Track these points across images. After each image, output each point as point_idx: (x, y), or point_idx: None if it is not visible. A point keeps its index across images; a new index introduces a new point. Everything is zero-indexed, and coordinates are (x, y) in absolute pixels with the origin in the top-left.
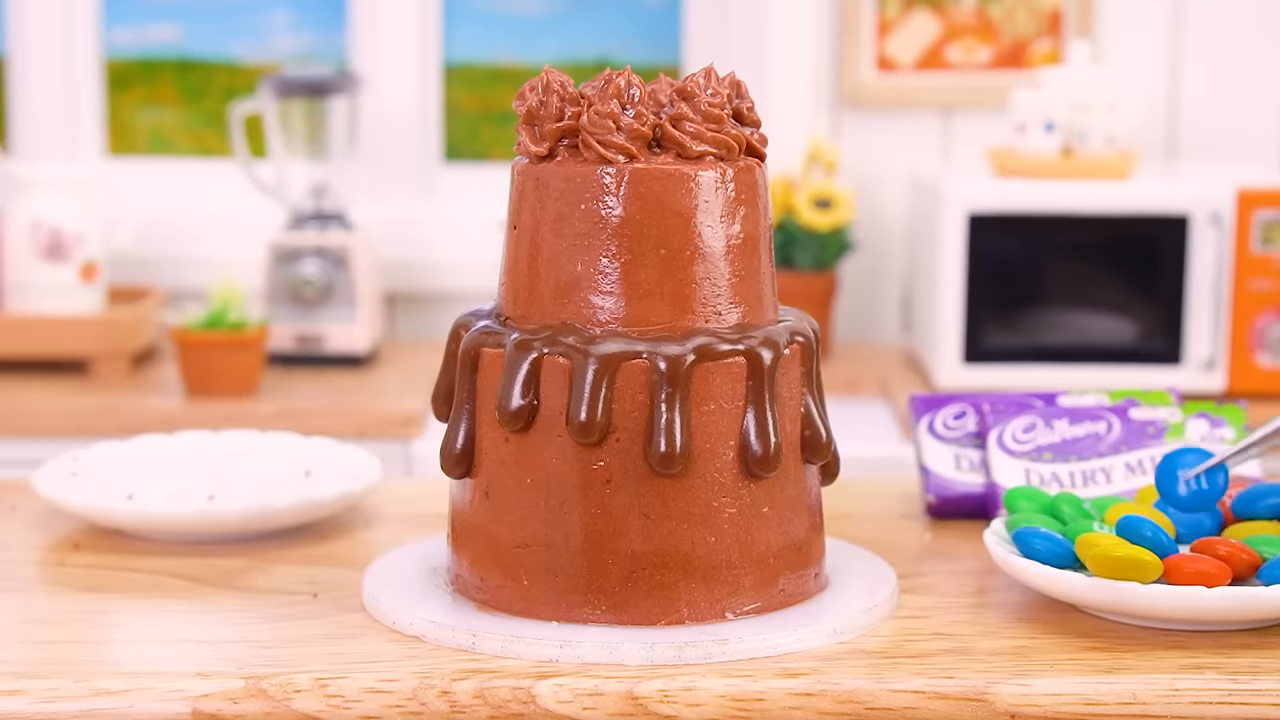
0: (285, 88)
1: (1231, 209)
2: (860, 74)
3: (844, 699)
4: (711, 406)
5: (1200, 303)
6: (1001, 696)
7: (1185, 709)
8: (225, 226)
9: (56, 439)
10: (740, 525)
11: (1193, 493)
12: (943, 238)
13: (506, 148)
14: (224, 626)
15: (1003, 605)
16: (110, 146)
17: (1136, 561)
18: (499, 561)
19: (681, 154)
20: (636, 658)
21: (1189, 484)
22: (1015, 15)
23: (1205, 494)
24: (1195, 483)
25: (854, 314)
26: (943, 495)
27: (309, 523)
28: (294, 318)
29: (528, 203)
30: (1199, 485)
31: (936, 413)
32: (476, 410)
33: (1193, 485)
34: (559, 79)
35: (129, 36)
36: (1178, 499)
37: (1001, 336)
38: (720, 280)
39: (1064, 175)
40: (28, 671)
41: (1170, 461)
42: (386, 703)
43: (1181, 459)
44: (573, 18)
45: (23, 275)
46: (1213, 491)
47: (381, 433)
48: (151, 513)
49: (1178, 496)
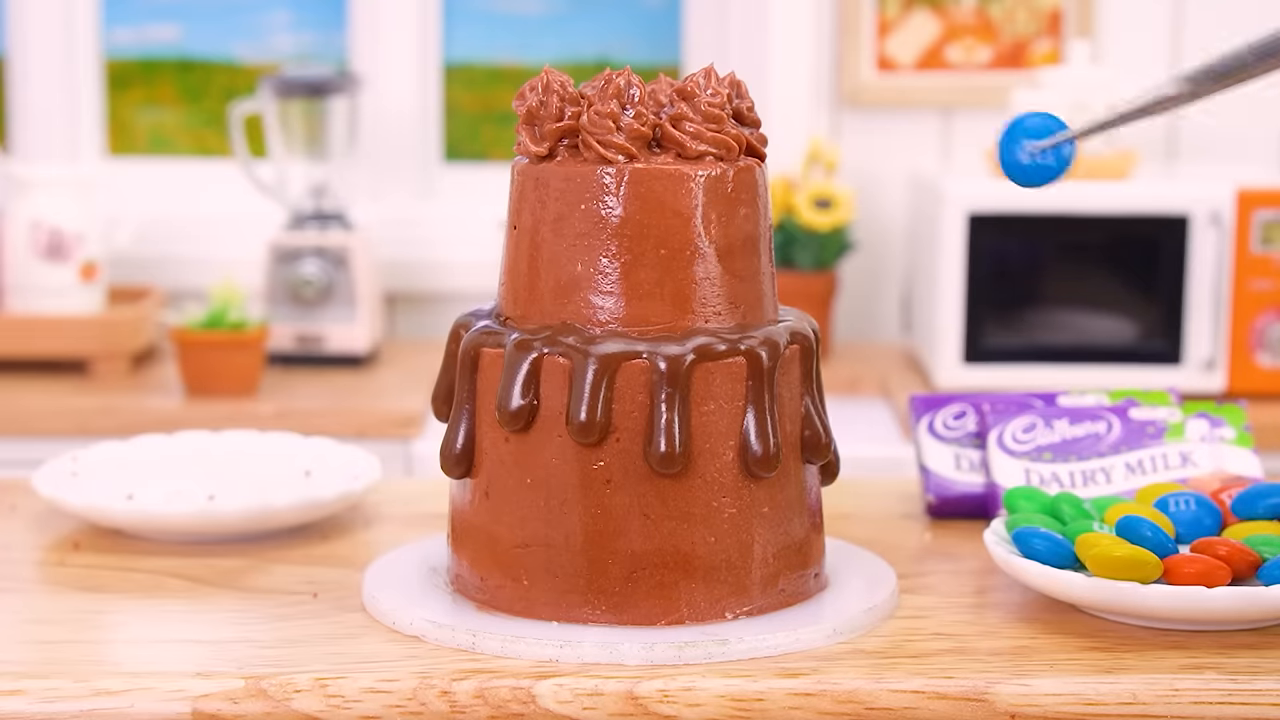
0: (285, 88)
1: (1231, 209)
2: (860, 74)
3: (844, 699)
4: (711, 406)
5: (1200, 303)
6: (1001, 696)
7: (1185, 709)
8: (225, 226)
9: (56, 439)
10: (740, 525)
11: (1036, 165)
12: (943, 238)
13: (506, 148)
14: (224, 626)
15: (1003, 605)
16: (110, 146)
17: (1136, 561)
18: (499, 561)
19: (681, 154)
20: (636, 658)
21: (1034, 155)
22: (1015, 15)
23: (1049, 169)
24: (1042, 155)
25: (854, 314)
26: (943, 495)
27: (309, 523)
28: (294, 318)
29: (528, 203)
30: (1044, 158)
31: (936, 413)
32: (476, 410)
33: (1038, 157)
34: (559, 79)
35: (129, 36)
36: (1019, 169)
37: (1001, 336)
38: (720, 280)
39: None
40: (28, 671)
41: (1016, 129)
42: (386, 703)
43: (1027, 126)
44: (573, 18)
45: (23, 275)
46: (1059, 166)
47: (381, 433)
48: (151, 513)
49: (1020, 166)
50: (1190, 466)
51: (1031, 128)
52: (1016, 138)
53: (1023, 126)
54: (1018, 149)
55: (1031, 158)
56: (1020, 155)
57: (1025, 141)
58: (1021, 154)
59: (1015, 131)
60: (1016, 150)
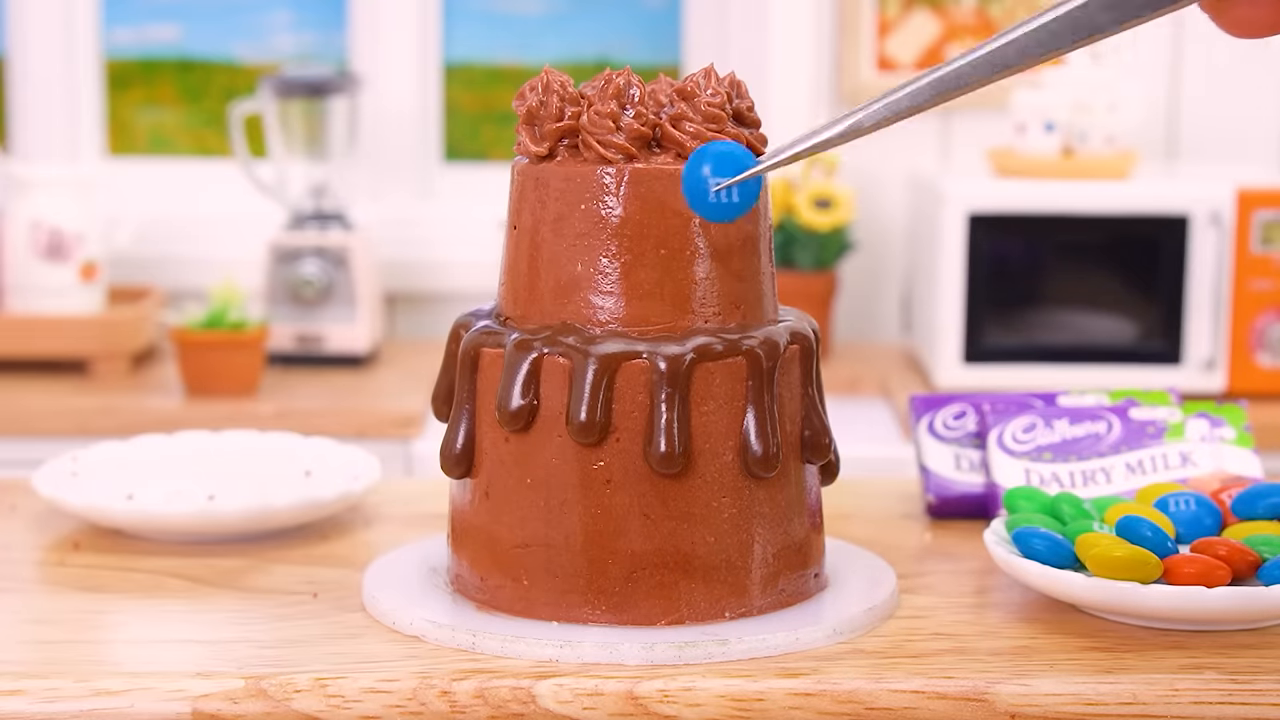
0: (285, 88)
1: (1231, 209)
2: (860, 74)
3: (844, 699)
4: (711, 406)
5: (1200, 303)
6: (1001, 696)
7: (1185, 709)
8: (225, 226)
9: (56, 439)
10: (740, 525)
11: (720, 203)
12: (943, 238)
13: (506, 148)
14: (224, 626)
15: (1003, 605)
16: (110, 146)
17: (1136, 561)
18: (499, 561)
19: (681, 154)
20: (636, 658)
21: (719, 195)
22: (1015, 15)
23: (734, 207)
24: (727, 194)
25: (854, 314)
26: (943, 495)
27: (309, 523)
28: (294, 318)
29: (528, 203)
30: (729, 198)
31: (936, 413)
32: (476, 410)
33: (723, 196)
34: (559, 79)
35: (129, 36)
36: (705, 206)
37: (1001, 336)
38: (720, 280)
39: (1064, 175)
40: (28, 671)
41: (699, 159)
42: (386, 703)
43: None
44: (573, 18)
45: (23, 275)
46: (744, 204)
47: (381, 433)
48: (151, 513)
49: (706, 204)
50: (1190, 466)
51: (716, 162)
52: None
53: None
54: (702, 185)
55: (717, 195)
56: (705, 190)
57: (711, 177)
58: (707, 189)
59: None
60: (700, 185)
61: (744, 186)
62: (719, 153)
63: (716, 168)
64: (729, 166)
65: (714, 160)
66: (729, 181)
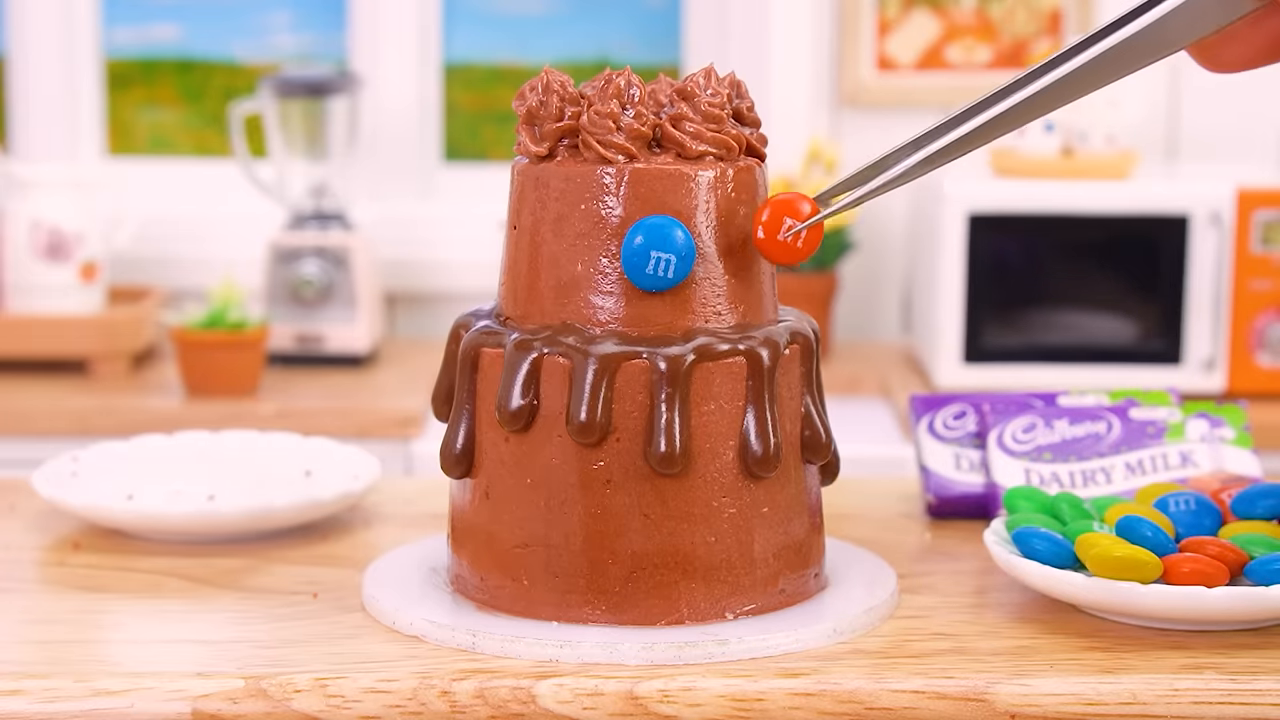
0: (285, 88)
1: (1231, 209)
2: (860, 74)
3: (844, 699)
4: (711, 406)
5: (1200, 303)
6: (1001, 696)
7: (1185, 709)
8: (225, 226)
9: (56, 439)
10: (740, 525)
11: (655, 276)
12: (943, 238)
13: (506, 148)
14: (224, 626)
15: (1003, 605)
16: (110, 146)
17: (1136, 561)
18: (499, 561)
19: (681, 154)
20: (636, 658)
21: (656, 267)
22: (1015, 15)
23: (667, 280)
24: (665, 268)
25: (854, 314)
26: (943, 495)
27: (309, 523)
28: (294, 318)
29: (528, 203)
30: (665, 272)
31: (936, 413)
32: (476, 410)
33: (659, 270)
34: (559, 79)
35: (129, 36)
36: (642, 277)
37: (1001, 336)
38: (720, 280)
39: (1064, 175)
40: (28, 671)
41: (635, 230)
42: (386, 703)
43: (643, 229)
44: (573, 18)
45: (23, 275)
46: (677, 277)
47: (381, 433)
48: (151, 513)
49: (644, 276)
50: (1190, 466)
51: (649, 233)
52: (631, 242)
53: (641, 229)
54: (637, 255)
55: (655, 267)
56: (644, 261)
57: (650, 250)
58: (645, 260)
59: (634, 232)
60: (636, 256)
61: (678, 265)
62: (650, 225)
63: (648, 239)
64: (659, 238)
65: (646, 231)
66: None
